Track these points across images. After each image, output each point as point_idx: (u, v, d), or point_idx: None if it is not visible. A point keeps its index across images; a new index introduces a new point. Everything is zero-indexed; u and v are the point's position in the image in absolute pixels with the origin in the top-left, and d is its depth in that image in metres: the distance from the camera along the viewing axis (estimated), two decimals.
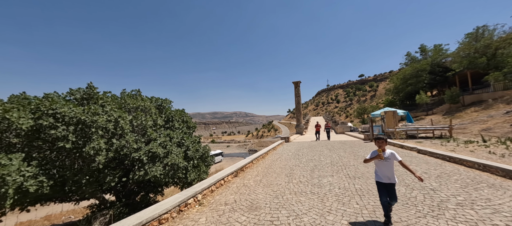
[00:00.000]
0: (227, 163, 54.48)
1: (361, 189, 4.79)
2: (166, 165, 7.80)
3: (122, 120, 7.51)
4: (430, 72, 28.83)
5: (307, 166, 7.65)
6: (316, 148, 12.43)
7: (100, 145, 6.60)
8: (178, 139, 9.11)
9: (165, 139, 8.57)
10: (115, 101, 8.74)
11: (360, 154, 9.47)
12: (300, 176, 6.24)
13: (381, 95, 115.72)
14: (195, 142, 10.16)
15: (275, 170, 7.32)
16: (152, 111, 9.45)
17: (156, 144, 8.22)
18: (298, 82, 32.30)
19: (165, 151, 8.17)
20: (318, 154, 10.12)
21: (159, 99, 11.01)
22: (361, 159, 8.30)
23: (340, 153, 10.23)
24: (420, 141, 12.23)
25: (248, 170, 7.59)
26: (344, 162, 7.97)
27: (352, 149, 11.44)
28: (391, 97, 40.63)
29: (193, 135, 11.35)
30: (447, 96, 22.72)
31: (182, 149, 9.12)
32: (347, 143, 14.72)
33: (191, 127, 11.29)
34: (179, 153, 8.63)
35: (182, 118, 10.83)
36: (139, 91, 10.35)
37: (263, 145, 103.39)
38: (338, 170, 6.74)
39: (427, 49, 33.27)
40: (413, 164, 6.97)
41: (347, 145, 13.15)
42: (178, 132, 9.65)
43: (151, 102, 10.67)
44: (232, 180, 6.30)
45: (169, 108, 11.34)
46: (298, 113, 31.85)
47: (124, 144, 7.40)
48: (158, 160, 8.00)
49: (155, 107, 10.79)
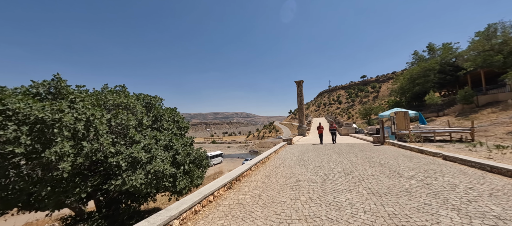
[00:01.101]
0: (227, 165, 53.28)
1: (396, 214, 3.53)
2: (148, 172, 6.58)
3: (96, 119, 6.30)
4: (439, 71, 27.45)
5: (315, 175, 6.40)
6: (322, 152, 11.17)
7: (64, 149, 5.39)
8: (165, 141, 7.90)
9: (150, 141, 7.36)
10: (92, 97, 7.54)
11: (375, 160, 8.21)
12: (309, 190, 4.99)
13: (383, 97, 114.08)
14: (186, 144, 8.94)
15: (278, 180, 6.08)
16: (137, 109, 8.26)
17: (139, 147, 7.02)
18: (301, 82, 31.08)
19: (149, 155, 6.96)
20: (326, 160, 8.87)
21: (148, 96, 9.82)
22: (378, 166, 7.04)
23: (351, 158, 8.98)
24: (440, 144, 10.95)
25: (245, 179, 6.36)
26: (359, 170, 6.72)
27: (363, 153, 10.18)
28: (396, 98, 39.26)
29: (186, 136, 10.13)
30: (460, 97, 21.37)
31: (170, 153, 7.91)
32: (355, 146, 13.45)
33: (183, 127, 10.07)
34: (166, 158, 7.41)
35: (172, 117, 9.62)
36: (124, 87, 9.16)
37: (264, 145, 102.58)
38: (355, 182, 5.49)
39: (436, 48, 31.88)
40: (447, 175, 5.70)
41: (356, 148, 11.88)
42: (166, 133, 8.44)
43: (138, 99, 9.48)
44: (224, 195, 5.07)
45: (159, 106, 10.14)
46: (301, 113, 30.57)
47: (97, 148, 6.19)
48: (140, 166, 6.79)
49: (143, 105, 9.60)
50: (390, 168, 6.81)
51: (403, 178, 5.61)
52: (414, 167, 6.70)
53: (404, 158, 8.24)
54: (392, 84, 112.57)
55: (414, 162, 7.51)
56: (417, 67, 30.46)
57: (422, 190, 4.64)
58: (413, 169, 6.45)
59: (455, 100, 24.67)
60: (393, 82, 45.46)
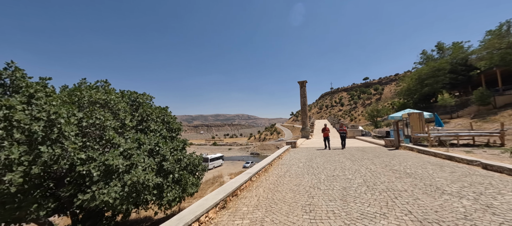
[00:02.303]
0: (228, 167, 51.99)
1: None
2: (125, 184, 5.36)
3: (60, 118, 5.11)
4: (450, 71, 26.06)
5: (331, 188, 5.15)
6: (332, 158, 9.90)
7: (12, 156, 4.20)
8: (150, 145, 6.68)
9: (131, 145, 6.16)
10: (63, 93, 6.36)
11: (398, 168, 6.93)
12: (328, 213, 3.74)
13: (386, 99, 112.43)
14: (177, 149, 7.72)
15: (285, 195, 4.83)
16: (119, 108, 7.07)
17: (117, 152, 5.81)
18: (304, 82, 29.82)
19: (128, 163, 5.74)
20: (339, 167, 7.60)
21: (135, 93, 8.63)
22: (406, 177, 5.77)
23: (368, 165, 7.70)
24: (466, 149, 9.64)
25: (244, 194, 5.13)
26: (384, 182, 5.45)
27: (380, 159, 8.89)
28: (402, 100, 37.86)
29: (178, 139, 8.90)
30: (475, 97, 20.00)
31: (156, 159, 6.69)
32: (366, 150, 12.16)
33: (175, 129, 8.84)
34: (150, 166, 6.19)
35: (162, 117, 8.41)
36: (107, 83, 7.99)
37: (265, 148, 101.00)
38: (386, 200, 4.23)
39: (445, 47, 30.53)
40: (504, 191, 4.42)
41: (370, 153, 10.59)
42: (152, 135, 7.22)
43: (123, 97, 8.30)
44: (216, 219, 3.83)
45: (148, 105, 8.95)
46: (304, 114, 29.27)
47: (60, 154, 4.99)
48: (117, 176, 5.57)
49: (129, 104, 8.42)
50: (422, 180, 5.54)
51: (448, 195, 4.33)
52: (452, 179, 5.42)
53: (433, 167, 6.95)
54: (396, 85, 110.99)
55: (447, 172, 6.23)
56: (426, 67, 29.11)
57: (485, 215, 3.37)
58: (453, 182, 5.17)
59: (469, 102, 23.28)
60: (396, 84, 44.15)
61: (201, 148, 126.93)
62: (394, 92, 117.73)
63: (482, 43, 26.65)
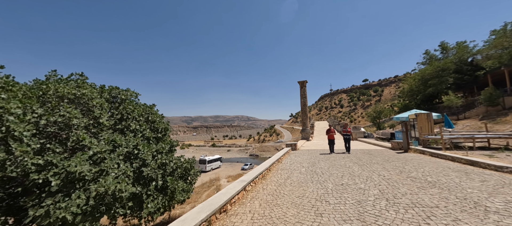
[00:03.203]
0: (226, 169, 50.95)
1: None
2: (89, 196, 4.37)
3: (7, 114, 4.13)
4: (456, 71, 25.26)
5: (342, 202, 4.19)
6: (337, 162, 8.94)
7: None
8: (128, 148, 5.70)
9: (103, 148, 5.18)
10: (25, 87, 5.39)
11: (415, 175, 5.98)
12: None
13: (386, 100, 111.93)
14: (161, 152, 6.74)
15: (286, 213, 3.86)
16: (94, 104, 6.09)
17: (85, 156, 4.84)
18: (304, 82, 28.91)
19: (97, 169, 4.76)
20: (347, 174, 6.64)
21: (116, 88, 7.63)
22: (430, 188, 4.82)
23: (380, 171, 6.75)
24: (488, 153, 8.71)
25: (235, 209, 4.16)
26: (405, 194, 4.50)
27: (391, 164, 7.95)
28: (404, 101, 37.00)
29: (164, 141, 7.90)
30: (483, 98, 19.13)
31: (135, 165, 5.71)
32: (373, 153, 11.21)
33: (161, 129, 7.85)
34: (125, 172, 5.20)
35: (146, 115, 7.42)
36: (83, 76, 7.01)
37: (264, 149, 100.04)
38: (416, 221, 3.28)
39: (449, 46, 29.75)
40: None
41: (378, 157, 9.65)
42: (131, 136, 6.23)
43: (102, 92, 7.31)
44: None
45: (132, 102, 7.97)
46: (304, 115, 28.33)
47: (4, 158, 4.01)
48: (82, 186, 4.59)
49: (110, 101, 7.44)
50: (451, 191, 4.59)
51: (495, 214, 3.38)
52: (489, 191, 4.47)
53: (457, 174, 6.00)
54: (395, 87, 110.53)
55: (477, 180, 5.28)
56: (430, 67, 28.28)
57: None
58: (491, 195, 4.23)
59: (475, 103, 22.44)
60: (396, 86, 43.39)
61: (200, 149, 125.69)
62: (394, 94, 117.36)
63: (486, 43, 25.93)
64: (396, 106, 54.17)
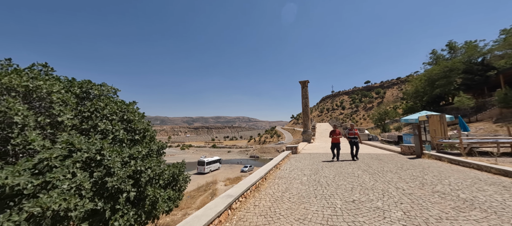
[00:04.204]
0: (225, 171, 49.85)
1: None
2: (27, 217, 3.31)
3: None
4: (465, 71, 24.06)
5: None
6: (343, 169, 7.83)
7: None
8: (90, 152, 4.63)
9: (54, 153, 4.12)
10: None
11: (441, 189, 4.88)
12: None
13: (388, 102, 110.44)
14: (136, 157, 5.67)
15: None
16: (52, 99, 5.05)
17: (27, 165, 3.79)
18: (306, 82, 27.80)
19: (39, 181, 3.70)
20: (358, 185, 5.53)
21: (89, 83, 6.58)
22: (469, 208, 3.72)
23: (397, 182, 5.64)
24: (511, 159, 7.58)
25: None
26: (442, 218, 3.40)
27: (407, 172, 6.83)
28: (409, 102, 35.77)
29: (142, 144, 6.81)
30: (498, 99, 17.93)
31: (97, 174, 4.64)
32: (382, 158, 10.09)
33: (140, 130, 6.75)
34: (81, 183, 4.14)
35: (121, 114, 6.34)
36: (48, 67, 5.98)
37: (265, 151, 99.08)
38: None
39: (457, 46, 28.54)
40: None
41: (389, 163, 8.53)
42: (97, 138, 5.17)
43: (71, 86, 6.27)
44: None
45: (109, 98, 6.91)
46: (306, 116, 27.20)
47: None
48: (17, 203, 3.53)
49: (79, 95, 6.39)
50: (500, 215, 3.48)
51: None
52: None
53: (493, 188, 4.89)
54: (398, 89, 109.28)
55: None
56: (437, 67, 27.10)
57: None
58: None
59: (487, 104, 21.22)
60: (398, 88, 42.19)
61: (200, 150, 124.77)
62: (396, 96, 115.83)
63: (496, 43, 24.73)
64: (398, 108, 52.93)
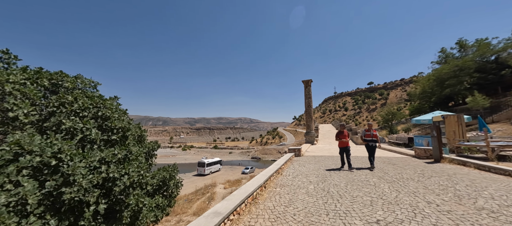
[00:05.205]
0: (225, 173, 48.84)
1: None
2: None
3: None
4: (477, 70, 22.85)
5: None
6: (355, 176, 6.81)
7: None
8: (45, 156, 3.69)
9: None
10: None
11: (483, 204, 3.87)
12: None
13: (392, 104, 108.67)
14: (108, 161, 4.71)
15: None
16: (5, 90, 4.14)
17: None
18: (309, 81, 26.72)
19: None
20: (377, 198, 4.51)
21: (61, 74, 5.67)
22: None
23: (425, 194, 4.61)
24: None
25: None
26: None
27: (431, 180, 5.80)
28: (416, 103, 34.52)
29: (120, 146, 5.85)
30: None
31: (50, 183, 3.69)
32: (395, 162, 9.06)
33: (119, 129, 5.77)
34: (24, 195, 3.20)
35: (95, 110, 5.36)
36: (8, 54, 5.07)
37: (266, 152, 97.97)
38: None
39: (468, 44, 27.29)
40: None
41: (406, 169, 7.49)
42: (58, 137, 4.23)
43: (38, 78, 5.36)
44: None
45: (86, 93, 5.99)
46: (309, 117, 26.12)
47: None
48: None
49: (48, 88, 5.48)
50: None
51: None
52: None
53: None
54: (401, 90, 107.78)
55: None
56: (447, 66, 25.88)
57: None
58: None
59: (501, 105, 20.01)
60: (402, 89, 40.94)
61: (201, 151, 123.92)
62: (400, 97, 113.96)
63: (508, 41, 23.47)
64: (402, 110, 51.53)
